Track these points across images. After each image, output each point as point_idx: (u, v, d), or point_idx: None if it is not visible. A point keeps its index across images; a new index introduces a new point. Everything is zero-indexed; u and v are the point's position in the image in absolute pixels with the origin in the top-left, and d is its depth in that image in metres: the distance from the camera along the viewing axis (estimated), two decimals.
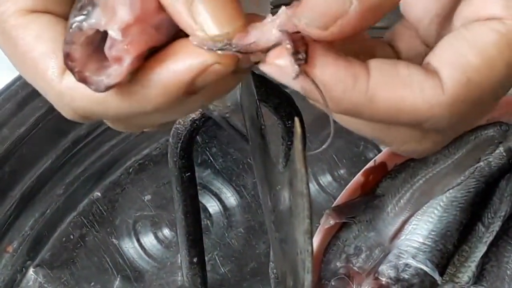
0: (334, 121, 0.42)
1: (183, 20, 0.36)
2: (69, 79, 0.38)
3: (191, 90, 0.38)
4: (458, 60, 0.39)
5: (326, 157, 0.79)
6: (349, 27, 0.37)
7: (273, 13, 0.38)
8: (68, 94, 0.39)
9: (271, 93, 0.52)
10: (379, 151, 0.77)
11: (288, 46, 0.37)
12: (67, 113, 0.41)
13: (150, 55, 0.38)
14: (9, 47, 0.40)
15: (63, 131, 0.77)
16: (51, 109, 0.74)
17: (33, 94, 0.75)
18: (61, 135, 0.78)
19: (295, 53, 0.37)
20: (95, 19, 0.36)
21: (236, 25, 0.36)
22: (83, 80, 0.37)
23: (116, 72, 0.37)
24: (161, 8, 0.37)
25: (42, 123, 0.75)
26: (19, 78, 0.75)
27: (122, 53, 0.36)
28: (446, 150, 0.70)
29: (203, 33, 0.36)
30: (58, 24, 0.40)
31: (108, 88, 0.37)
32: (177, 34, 0.38)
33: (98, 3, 0.36)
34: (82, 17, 0.36)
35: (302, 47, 0.37)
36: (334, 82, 0.38)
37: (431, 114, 0.38)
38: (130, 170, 0.79)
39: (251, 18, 0.38)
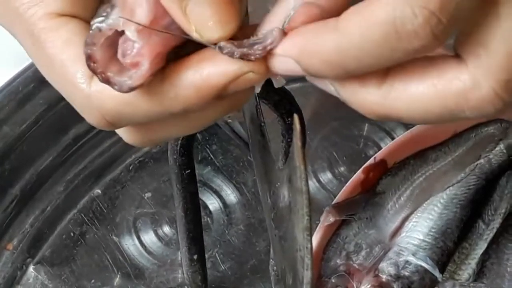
0: (335, 119, 0.41)
1: (180, 21, 0.37)
2: (98, 83, 0.39)
3: (222, 94, 0.38)
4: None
5: (326, 154, 0.79)
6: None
7: None
8: (97, 97, 0.39)
9: (271, 90, 0.52)
10: (379, 148, 0.77)
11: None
12: (94, 118, 0.40)
13: (178, 55, 0.38)
14: (37, 49, 0.40)
15: (64, 128, 0.77)
16: (51, 106, 0.75)
17: (34, 91, 0.75)
18: (62, 132, 0.78)
19: None
20: (113, 20, 0.36)
21: (229, 28, 0.36)
22: (106, 81, 0.37)
23: (137, 74, 0.37)
24: None
25: (43, 121, 0.75)
26: (20, 75, 0.75)
27: (137, 59, 0.36)
28: (446, 147, 0.70)
29: (197, 35, 0.36)
30: (86, 30, 0.39)
31: (131, 89, 0.37)
32: None
33: (117, 4, 0.36)
34: (101, 18, 0.37)
35: None
36: (311, 37, 0.36)
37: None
38: (130, 167, 0.79)
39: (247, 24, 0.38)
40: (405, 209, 0.69)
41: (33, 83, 0.75)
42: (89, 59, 0.37)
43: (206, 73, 0.37)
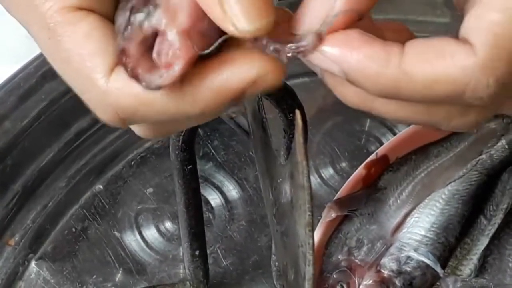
0: (337, 114, 0.42)
1: (215, 13, 0.37)
2: (117, 78, 0.38)
3: (239, 98, 0.38)
4: (482, 22, 0.38)
5: (328, 150, 0.79)
6: (336, 18, 0.38)
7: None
8: (114, 93, 0.39)
9: None
10: (381, 144, 0.77)
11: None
12: (108, 115, 0.40)
13: (200, 59, 0.38)
14: (53, 44, 0.40)
15: (65, 124, 0.77)
16: (53, 102, 0.75)
17: (35, 87, 0.75)
18: (63, 128, 0.78)
19: None
20: (156, 20, 0.36)
21: (267, 20, 0.36)
22: (135, 76, 0.37)
23: (168, 75, 0.37)
24: (205, 14, 0.37)
25: (44, 116, 0.76)
26: (21, 70, 0.75)
27: (172, 59, 0.37)
28: (448, 143, 0.70)
29: (233, 28, 0.36)
30: (105, 24, 0.39)
31: (158, 88, 0.37)
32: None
33: (160, 4, 0.36)
34: (142, 15, 0.37)
35: None
36: (369, 59, 0.38)
37: (466, 80, 0.37)
38: (132, 163, 0.79)
39: (281, 14, 0.38)
40: (406, 205, 0.69)
41: (34, 78, 0.75)
42: (123, 53, 0.37)
43: (226, 77, 0.38)
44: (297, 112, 0.41)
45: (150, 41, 0.37)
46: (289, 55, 0.38)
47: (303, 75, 0.82)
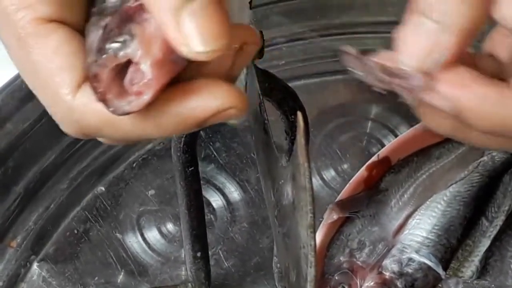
0: (338, 116, 0.42)
1: (170, 32, 0.37)
2: (83, 95, 0.39)
3: (201, 126, 0.39)
4: None
5: (330, 151, 0.79)
6: (444, 55, 0.39)
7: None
8: (79, 110, 0.39)
9: (275, 88, 0.52)
10: (383, 145, 0.77)
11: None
12: (71, 129, 0.41)
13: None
14: (22, 54, 0.40)
15: None
16: None
17: None
18: None
19: None
20: (132, 50, 0.37)
21: (222, 43, 0.36)
22: (104, 101, 0.37)
23: (137, 102, 0.37)
24: None
25: (46, 118, 0.75)
26: None
27: (143, 88, 0.37)
28: (450, 145, 0.70)
29: (187, 49, 0.36)
30: (75, 39, 0.40)
31: (126, 113, 0.38)
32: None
33: (136, 34, 0.37)
34: (118, 44, 0.37)
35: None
36: (484, 100, 0.39)
37: None
38: (134, 165, 0.79)
39: (236, 31, 0.38)
40: (408, 207, 0.69)
41: None
42: (94, 78, 0.37)
43: (190, 106, 0.38)
44: (299, 114, 0.41)
45: (120, 66, 0.38)
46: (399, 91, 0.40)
47: (304, 77, 0.82)
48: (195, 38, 0.36)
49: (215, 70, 0.39)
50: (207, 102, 0.38)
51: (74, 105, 0.39)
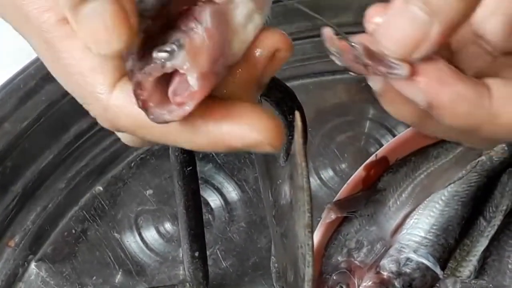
0: (336, 116, 0.42)
1: (73, 27, 0.37)
2: (117, 97, 0.38)
3: (233, 150, 0.39)
4: None
5: (328, 151, 0.79)
6: (431, 49, 0.38)
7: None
8: (114, 111, 0.39)
9: (273, 87, 0.52)
10: (381, 145, 0.77)
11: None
12: (105, 125, 0.41)
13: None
14: (52, 57, 0.40)
15: (65, 125, 0.77)
16: (53, 103, 0.75)
17: (35, 89, 0.75)
18: (63, 129, 0.78)
19: None
20: (180, 62, 0.36)
21: (118, 46, 0.36)
22: (145, 109, 0.37)
23: (178, 112, 0.37)
24: (222, 54, 0.37)
25: (44, 118, 0.75)
26: (21, 72, 0.75)
27: (186, 99, 0.37)
28: (448, 144, 0.70)
29: (94, 48, 0.37)
30: None
31: (166, 122, 0.37)
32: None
33: (184, 45, 0.36)
34: (166, 54, 0.36)
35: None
36: (462, 99, 0.39)
37: None
38: (132, 164, 0.79)
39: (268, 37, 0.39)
40: (406, 206, 0.69)
41: (34, 80, 0.75)
42: (138, 85, 0.37)
43: (225, 131, 0.38)
44: (297, 114, 0.41)
45: (165, 75, 0.37)
46: (378, 74, 0.39)
47: (303, 77, 0.82)
48: (91, 40, 0.36)
49: (245, 78, 0.39)
50: (245, 132, 0.38)
51: (108, 106, 0.39)
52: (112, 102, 0.39)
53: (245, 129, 0.38)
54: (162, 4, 0.38)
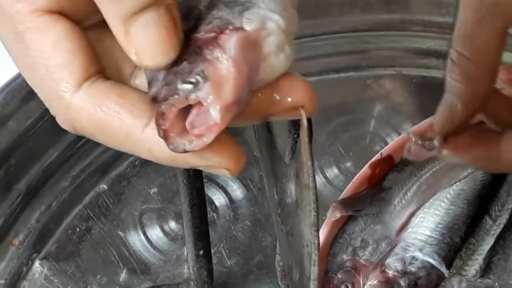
0: (342, 114, 0.43)
1: (120, 40, 0.37)
2: (82, 97, 0.38)
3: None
4: None
5: (333, 150, 0.79)
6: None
7: None
8: (75, 111, 0.38)
9: None
10: (386, 144, 0.77)
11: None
12: (65, 125, 0.40)
13: None
14: (20, 49, 0.39)
15: None
16: None
17: None
18: None
19: None
20: (204, 94, 0.36)
21: (169, 58, 0.36)
22: (166, 138, 0.37)
23: (198, 143, 0.37)
24: (247, 84, 0.37)
25: (48, 116, 0.74)
26: None
27: (205, 132, 0.36)
28: None
29: (136, 59, 0.36)
30: (75, 34, 0.38)
31: (184, 151, 0.37)
32: None
33: (209, 76, 0.36)
34: (190, 86, 0.36)
35: None
36: (476, 159, 0.58)
37: None
38: (136, 162, 0.79)
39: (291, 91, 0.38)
40: (411, 205, 0.69)
41: None
42: (161, 116, 0.36)
43: (200, 159, 0.38)
44: (302, 112, 0.41)
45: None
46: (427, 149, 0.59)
47: (307, 75, 0.82)
48: (143, 51, 0.36)
49: (254, 109, 0.39)
50: (206, 155, 0.38)
51: (70, 105, 0.38)
52: (75, 102, 0.38)
53: (209, 151, 0.38)
54: (189, 29, 0.38)
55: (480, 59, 0.53)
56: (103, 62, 0.40)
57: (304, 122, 0.40)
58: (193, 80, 0.36)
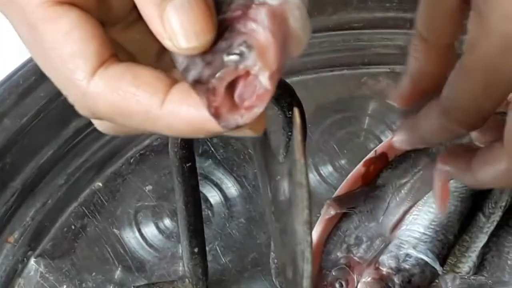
0: (336, 112, 0.43)
1: (154, 26, 0.37)
2: (97, 84, 0.38)
3: (215, 135, 0.39)
4: None
5: (327, 147, 0.79)
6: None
7: None
8: (92, 98, 0.38)
9: None
10: (380, 141, 0.77)
11: None
12: (83, 112, 0.40)
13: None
14: (34, 40, 0.39)
15: (65, 121, 0.77)
16: (52, 99, 0.75)
17: (35, 85, 0.75)
18: (63, 125, 0.78)
19: None
20: (251, 62, 0.36)
21: (205, 40, 0.36)
22: (217, 115, 0.37)
23: (249, 116, 0.37)
24: (284, 50, 0.37)
25: (44, 114, 0.75)
26: (21, 68, 0.75)
27: (256, 102, 0.36)
28: (447, 141, 0.70)
29: (171, 43, 0.36)
30: (87, 22, 0.38)
31: (237, 127, 0.37)
32: None
33: (253, 46, 0.36)
34: (237, 57, 0.36)
35: None
36: (458, 170, 0.56)
37: None
38: (131, 160, 0.79)
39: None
40: (405, 202, 0.69)
41: (34, 76, 0.75)
42: (212, 92, 0.36)
43: (208, 117, 0.37)
44: (296, 110, 0.41)
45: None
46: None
47: (302, 72, 0.82)
48: (178, 34, 0.36)
49: None
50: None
51: (87, 92, 0.38)
52: (92, 89, 0.38)
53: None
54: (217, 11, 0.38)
55: (432, 38, 0.52)
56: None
57: (298, 120, 0.40)
58: (237, 51, 0.36)
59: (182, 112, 0.37)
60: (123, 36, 0.43)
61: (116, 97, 0.38)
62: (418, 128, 0.54)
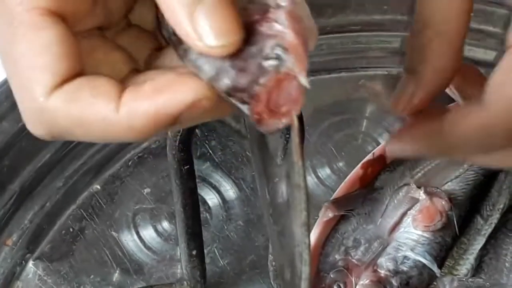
0: (334, 114, 0.43)
1: (183, 28, 0.37)
2: (58, 97, 0.38)
3: (176, 122, 0.38)
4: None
5: (325, 149, 0.79)
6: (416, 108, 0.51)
7: None
8: (51, 112, 0.38)
9: None
10: (378, 144, 0.78)
11: None
12: (40, 130, 0.40)
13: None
14: (9, 40, 0.39)
15: None
16: None
17: None
18: None
19: None
20: (291, 65, 0.36)
21: (234, 38, 0.37)
22: (259, 120, 0.37)
23: (288, 119, 0.37)
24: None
25: None
26: None
27: (292, 106, 0.37)
28: None
29: (201, 44, 0.36)
30: (68, 40, 0.38)
31: (277, 130, 0.37)
32: None
33: (288, 48, 0.36)
34: (275, 61, 0.36)
35: None
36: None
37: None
38: (130, 163, 0.79)
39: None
40: (403, 205, 0.69)
41: None
42: (256, 98, 0.37)
43: (162, 102, 0.37)
44: (293, 113, 0.41)
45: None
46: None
47: None
48: (208, 34, 0.36)
49: None
50: (180, 96, 0.37)
51: (47, 107, 0.38)
52: (51, 104, 0.38)
53: (180, 92, 0.37)
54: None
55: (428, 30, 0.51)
56: (96, 70, 0.40)
57: (296, 123, 0.40)
58: (273, 55, 0.36)
59: (138, 109, 0.37)
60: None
61: (74, 109, 0.38)
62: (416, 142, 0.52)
